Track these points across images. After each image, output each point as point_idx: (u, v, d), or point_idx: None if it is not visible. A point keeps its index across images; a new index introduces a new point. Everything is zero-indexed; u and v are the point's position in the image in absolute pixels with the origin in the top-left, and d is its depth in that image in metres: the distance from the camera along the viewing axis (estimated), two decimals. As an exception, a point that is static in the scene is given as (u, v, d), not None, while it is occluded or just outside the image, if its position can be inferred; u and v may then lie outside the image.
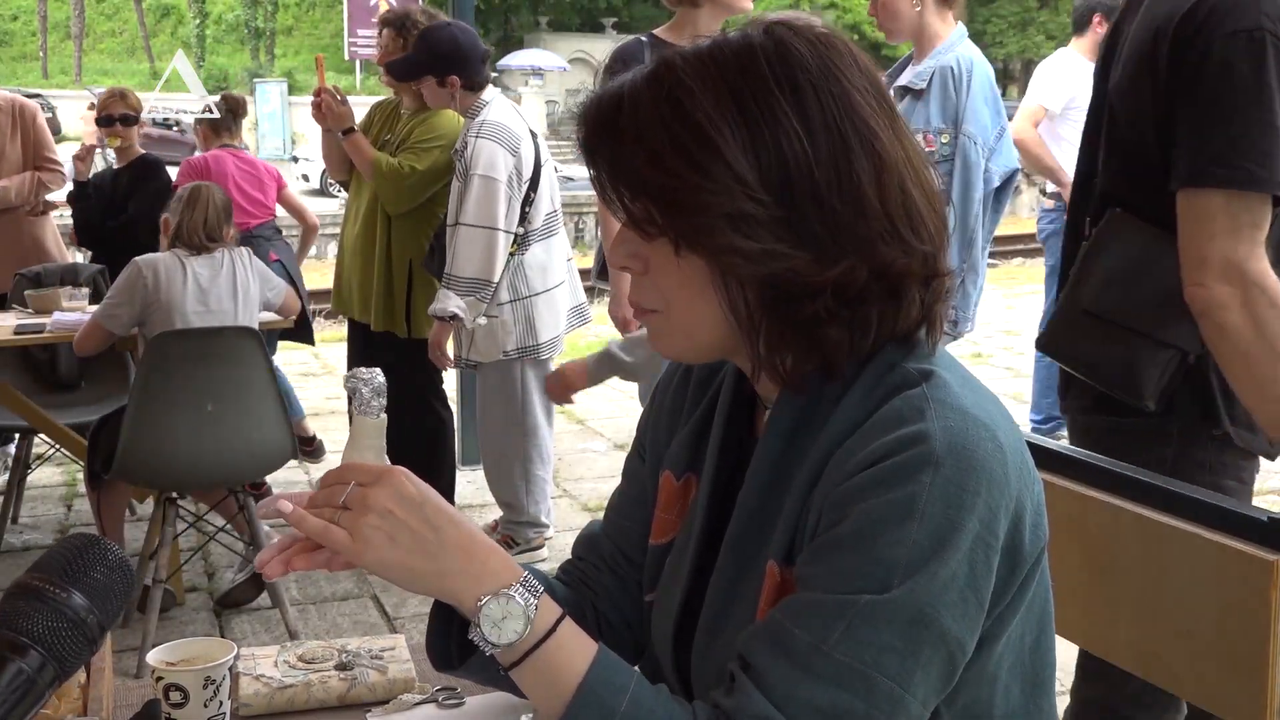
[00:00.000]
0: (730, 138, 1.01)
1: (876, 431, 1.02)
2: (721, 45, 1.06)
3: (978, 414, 1.02)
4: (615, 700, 1.00)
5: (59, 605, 0.94)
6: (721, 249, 1.03)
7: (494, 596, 1.01)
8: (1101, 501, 1.60)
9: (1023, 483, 1.03)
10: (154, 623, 3.54)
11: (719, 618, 1.13)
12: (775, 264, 1.02)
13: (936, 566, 0.97)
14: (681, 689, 1.19)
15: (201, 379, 3.54)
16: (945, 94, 3.16)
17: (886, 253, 1.03)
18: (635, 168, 1.04)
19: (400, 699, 1.40)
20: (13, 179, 5.10)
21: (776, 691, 0.98)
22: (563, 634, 1.02)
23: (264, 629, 3.87)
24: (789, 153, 1.01)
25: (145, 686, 1.35)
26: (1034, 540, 1.05)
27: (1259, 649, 1.40)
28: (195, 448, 3.57)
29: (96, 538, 1.00)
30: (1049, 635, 1.13)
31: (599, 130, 1.07)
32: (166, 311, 3.70)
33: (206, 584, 4.25)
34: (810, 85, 1.03)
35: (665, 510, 1.25)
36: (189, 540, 4.17)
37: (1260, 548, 1.41)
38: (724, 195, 1.01)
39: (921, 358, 1.07)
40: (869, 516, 0.99)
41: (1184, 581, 1.50)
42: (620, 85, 1.07)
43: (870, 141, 1.03)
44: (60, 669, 0.93)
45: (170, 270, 3.72)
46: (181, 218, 3.77)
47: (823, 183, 1.02)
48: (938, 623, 0.97)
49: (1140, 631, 1.58)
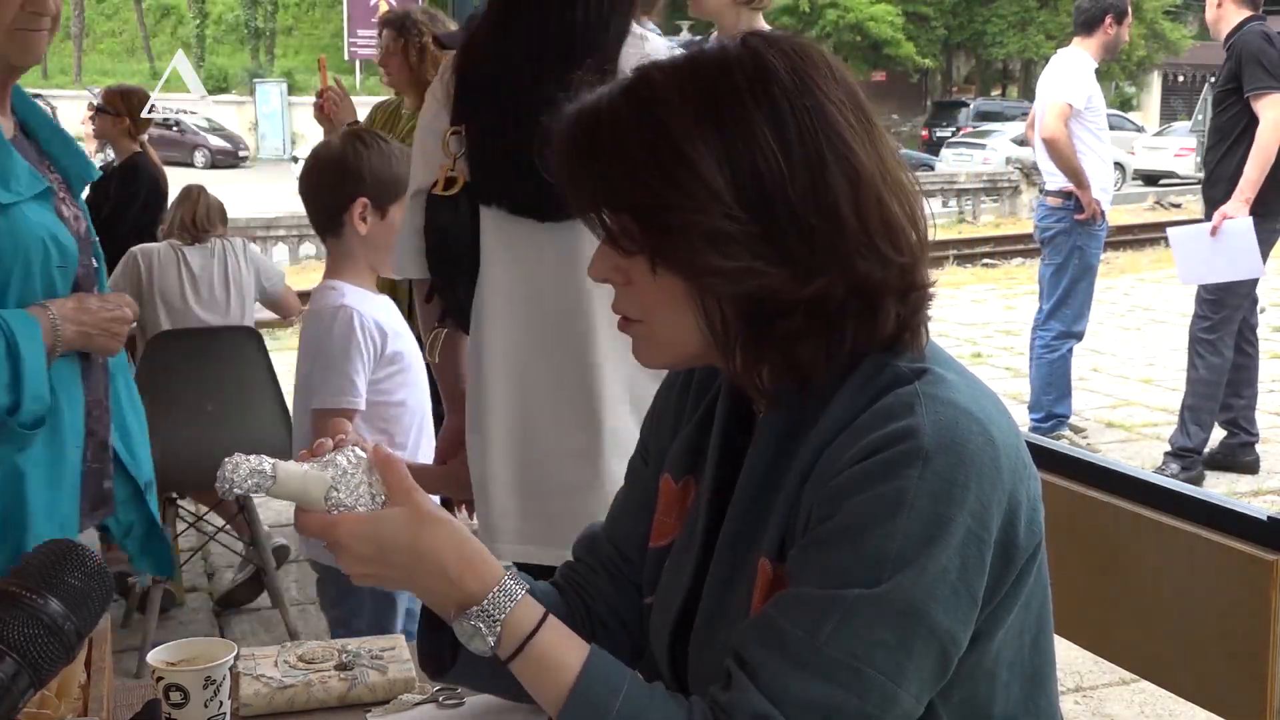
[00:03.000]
0: (706, 154, 1.01)
1: (867, 428, 1.02)
2: (697, 59, 1.06)
3: (970, 408, 1.02)
4: (609, 699, 1.01)
5: (35, 611, 0.93)
6: (699, 269, 1.03)
7: (459, 619, 1.05)
8: (1101, 501, 1.60)
9: (1017, 477, 1.03)
10: (154, 623, 3.54)
11: (714, 616, 1.14)
12: (752, 281, 1.03)
13: (926, 560, 0.97)
14: (678, 688, 1.19)
15: (201, 378, 3.54)
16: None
17: (863, 266, 1.03)
18: (613, 183, 1.05)
19: (400, 699, 1.40)
20: None
21: (771, 687, 0.98)
22: (542, 640, 1.04)
23: (264, 629, 3.86)
24: (764, 169, 1.01)
25: (145, 686, 1.35)
26: (1029, 535, 1.05)
27: (1259, 649, 1.40)
28: (195, 448, 3.57)
29: (75, 544, 0.99)
30: (1047, 633, 1.13)
31: (577, 146, 1.07)
32: (160, 301, 3.70)
33: (206, 584, 4.25)
34: (785, 99, 1.03)
35: (664, 513, 1.25)
36: (189, 540, 4.16)
37: (1260, 548, 1.41)
38: (701, 213, 1.01)
39: (918, 357, 1.07)
40: (858, 511, 0.99)
41: (1184, 581, 1.50)
42: (597, 99, 1.07)
43: (845, 156, 1.03)
44: (35, 676, 0.93)
45: (164, 260, 3.73)
46: (175, 211, 3.81)
47: (797, 199, 1.01)
48: (929, 616, 0.98)
49: (1140, 631, 1.58)
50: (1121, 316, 9.40)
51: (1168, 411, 6.04)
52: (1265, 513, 1.44)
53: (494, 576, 1.06)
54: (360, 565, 1.07)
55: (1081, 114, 5.35)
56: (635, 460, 1.34)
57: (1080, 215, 5.38)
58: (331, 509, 1.06)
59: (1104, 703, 3.27)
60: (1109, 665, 1.72)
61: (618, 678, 1.03)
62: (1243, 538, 1.43)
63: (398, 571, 1.07)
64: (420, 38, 4.01)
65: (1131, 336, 8.61)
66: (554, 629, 1.05)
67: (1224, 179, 4.95)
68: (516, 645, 1.04)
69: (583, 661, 1.03)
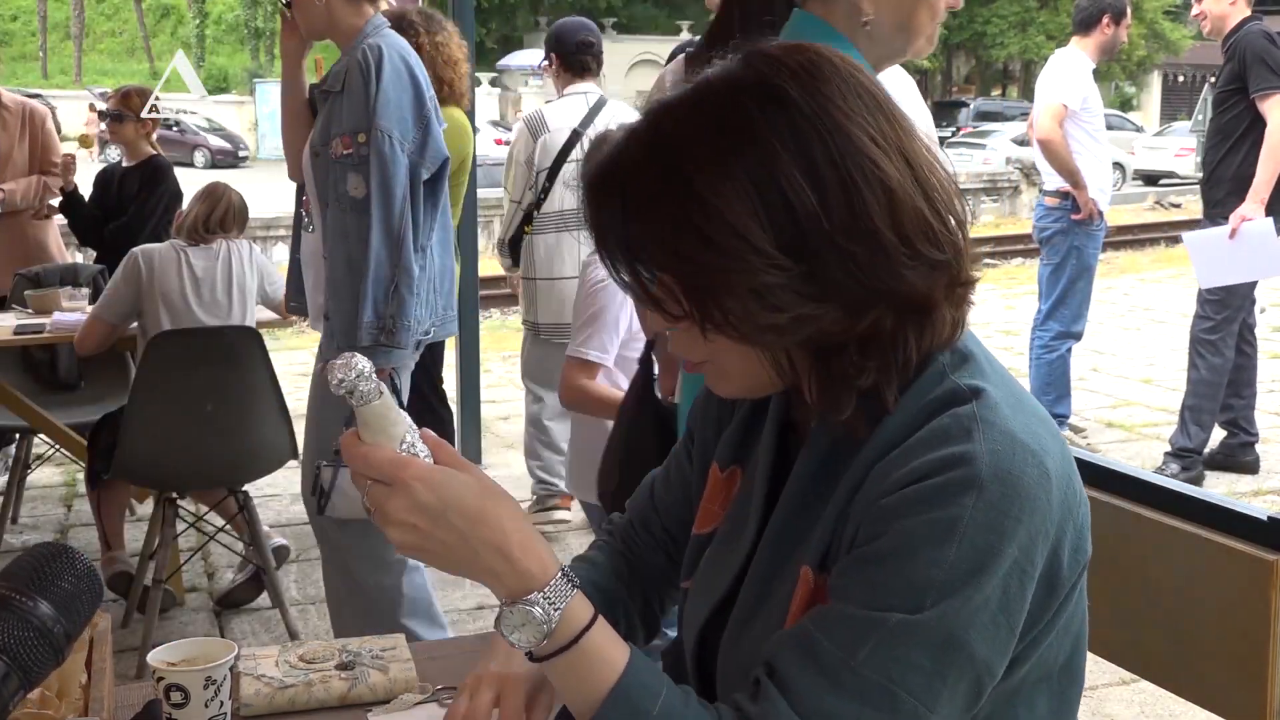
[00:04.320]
0: (736, 203, 0.97)
1: (922, 447, 1.00)
2: (706, 95, 1.02)
3: (1026, 439, 1.00)
4: (649, 702, 0.99)
5: (25, 614, 0.93)
6: (751, 329, 1.01)
7: (514, 605, 0.98)
8: (1102, 501, 1.60)
9: (1066, 508, 1.02)
10: (154, 623, 3.54)
11: (750, 614, 1.13)
12: (806, 328, 1.00)
13: (971, 591, 0.96)
14: (698, 677, 1.19)
15: (201, 379, 3.54)
16: (355, 91, 2.87)
17: (911, 278, 1.01)
18: (649, 250, 1.01)
19: (401, 699, 1.40)
20: (19, 182, 5.11)
21: (802, 702, 0.98)
22: (591, 640, 1.00)
23: (264, 629, 3.86)
24: (798, 205, 0.98)
25: (146, 687, 1.35)
26: (1073, 564, 1.04)
27: (1259, 649, 1.40)
28: (195, 448, 3.57)
29: (65, 546, 0.99)
30: (1081, 653, 1.12)
31: (609, 215, 1.03)
32: (160, 302, 3.69)
33: (206, 584, 4.25)
34: (807, 126, 0.99)
35: (710, 501, 1.24)
36: (189, 540, 4.16)
37: (1260, 548, 1.41)
38: (743, 271, 0.98)
39: (973, 371, 1.05)
40: (908, 535, 0.98)
41: (1184, 581, 1.50)
42: (616, 152, 1.03)
43: (875, 174, 0.99)
44: (25, 678, 0.92)
45: (165, 260, 3.72)
46: (191, 209, 3.80)
47: (836, 230, 0.98)
48: (967, 646, 0.97)
49: (1140, 631, 1.58)
50: (1121, 316, 9.41)
51: (1168, 411, 6.04)
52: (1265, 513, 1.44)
53: (555, 563, 1.00)
54: (415, 516, 0.97)
55: (1077, 114, 5.35)
56: (680, 448, 1.34)
57: (1077, 215, 5.39)
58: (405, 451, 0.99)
59: (1104, 703, 3.27)
60: (1109, 665, 1.72)
61: (656, 682, 1.01)
62: (1243, 538, 1.43)
63: (452, 536, 0.97)
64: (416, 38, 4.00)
65: (1131, 336, 8.61)
66: (604, 626, 1.02)
67: (1224, 179, 4.95)
68: (569, 639, 0.99)
69: (625, 663, 1.00)
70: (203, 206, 3.79)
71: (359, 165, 2.83)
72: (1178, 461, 5.10)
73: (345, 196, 2.85)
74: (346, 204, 2.85)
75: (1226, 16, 4.94)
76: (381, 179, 2.83)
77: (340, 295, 2.87)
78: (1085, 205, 5.35)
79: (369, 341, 2.83)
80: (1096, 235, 5.51)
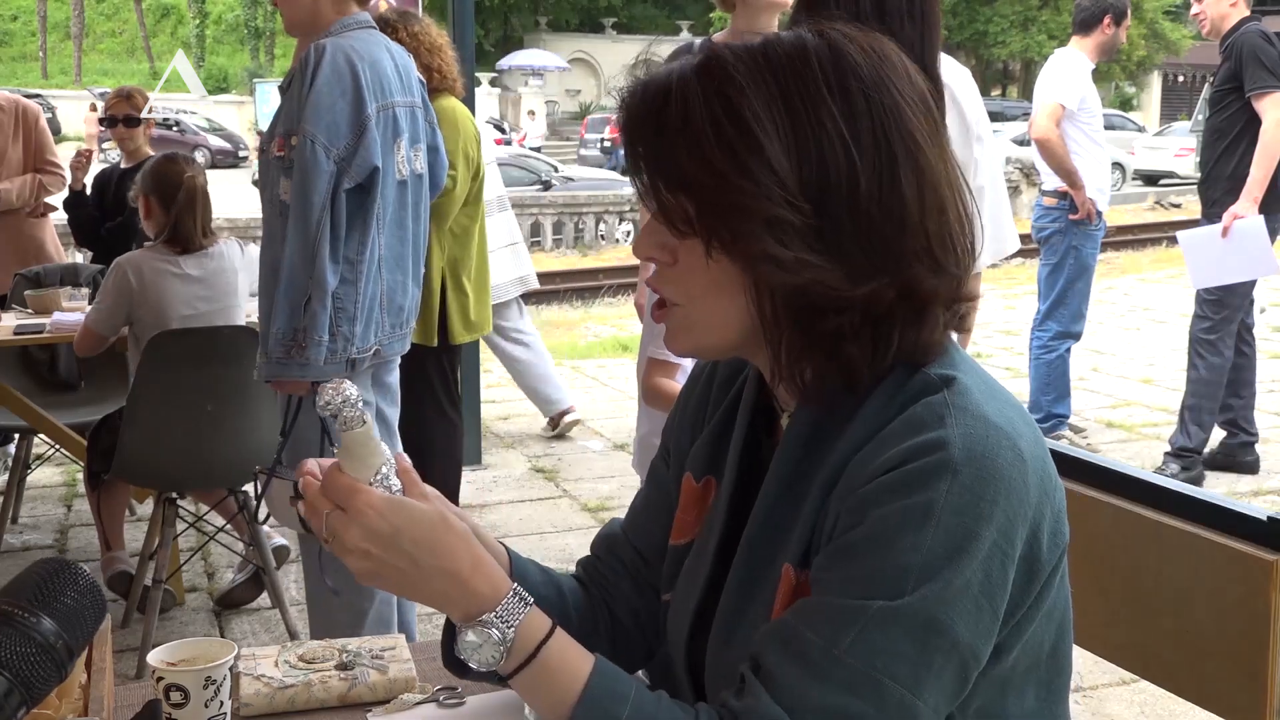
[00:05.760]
0: (775, 139, 0.99)
1: (896, 437, 1.01)
2: (774, 44, 1.04)
3: (999, 422, 1.01)
4: (617, 707, 1.00)
5: (28, 630, 0.93)
6: (756, 255, 1.01)
7: (470, 627, 1.02)
8: (1101, 501, 1.60)
9: (1043, 491, 1.02)
10: (154, 623, 3.54)
11: (734, 618, 1.13)
12: (807, 274, 1.01)
13: (950, 574, 0.96)
14: (693, 688, 1.19)
15: (200, 379, 3.53)
16: (294, 91, 2.75)
17: (918, 271, 1.02)
18: (677, 160, 1.02)
19: (401, 699, 1.40)
20: (14, 181, 5.11)
21: (786, 695, 0.98)
22: (550, 652, 1.02)
23: (264, 629, 3.86)
24: (832, 162, 1.00)
25: (146, 687, 1.35)
26: (1052, 547, 1.04)
27: (1259, 649, 1.40)
28: (195, 448, 3.57)
29: (67, 562, 0.99)
30: (1067, 640, 1.12)
31: (643, 119, 1.05)
32: (155, 311, 3.67)
33: (206, 584, 4.25)
34: (862, 94, 1.01)
35: (685, 512, 1.24)
36: (189, 540, 4.16)
37: (1260, 548, 1.41)
38: (764, 199, 0.99)
39: (944, 363, 1.06)
40: (885, 522, 0.98)
41: (1184, 581, 1.50)
42: (668, 74, 1.04)
43: (916, 156, 1.02)
44: (27, 695, 0.92)
45: (155, 270, 3.68)
46: (179, 219, 3.73)
47: (865, 194, 1.00)
48: (950, 631, 0.97)
49: (1140, 631, 1.58)
50: (1121, 316, 9.41)
51: (1168, 411, 6.04)
52: (1265, 513, 1.44)
53: (505, 584, 1.04)
54: (369, 543, 1.01)
55: (1075, 114, 5.35)
56: (657, 462, 1.34)
57: (1075, 216, 5.39)
58: (375, 484, 1.03)
59: (1104, 703, 3.27)
60: (1109, 665, 1.72)
61: (624, 685, 1.02)
62: (1243, 538, 1.43)
63: (404, 562, 1.02)
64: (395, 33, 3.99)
65: (1131, 336, 8.61)
66: (563, 637, 1.04)
67: (1221, 178, 4.96)
68: (528, 653, 1.02)
69: (589, 670, 1.02)
70: (192, 214, 3.70)
71: (289, 169, 2.69)
72: (1178, 461, 5.11)
73: (277, 199, 2.73)
74: (277, 207, 2.73)
75: (1226, 17, 4.95)
76: (300, 185, 2.66)
77: (264, 300, 2.76)
78: (1083, 205, 5.35)
79: (279, 352, 2.68)
80: (1095, 235, 5.51)
